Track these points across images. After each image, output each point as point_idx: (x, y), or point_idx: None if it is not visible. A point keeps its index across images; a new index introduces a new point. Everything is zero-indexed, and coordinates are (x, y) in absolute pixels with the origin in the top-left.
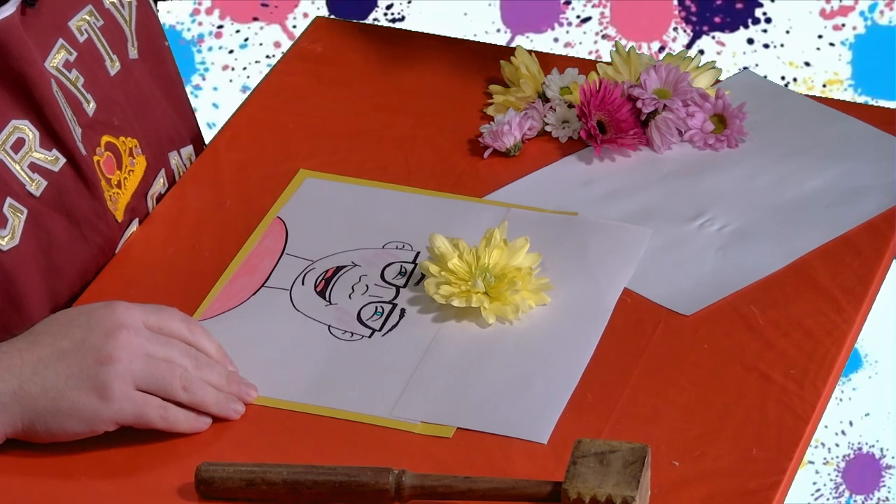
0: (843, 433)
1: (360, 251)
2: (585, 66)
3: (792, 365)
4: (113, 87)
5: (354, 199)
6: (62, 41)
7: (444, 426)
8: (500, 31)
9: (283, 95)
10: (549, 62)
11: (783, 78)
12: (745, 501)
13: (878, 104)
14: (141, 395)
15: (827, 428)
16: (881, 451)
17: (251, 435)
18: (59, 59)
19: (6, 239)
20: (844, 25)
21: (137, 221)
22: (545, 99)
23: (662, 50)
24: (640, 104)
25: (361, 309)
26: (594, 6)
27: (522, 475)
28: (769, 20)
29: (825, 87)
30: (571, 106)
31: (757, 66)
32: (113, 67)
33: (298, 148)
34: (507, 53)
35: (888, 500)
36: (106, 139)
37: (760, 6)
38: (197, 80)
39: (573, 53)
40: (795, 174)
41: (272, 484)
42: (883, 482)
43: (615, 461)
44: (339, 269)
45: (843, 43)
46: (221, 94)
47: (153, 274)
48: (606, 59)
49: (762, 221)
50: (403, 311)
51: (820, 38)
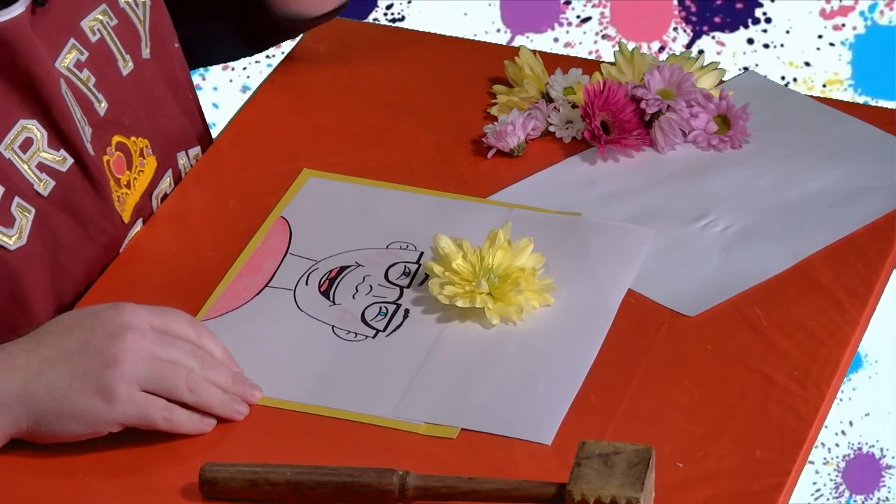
0: (843, 433)
1: (363, 251)
2: (589, 66)
3: (795, 366)
4: (125, 87)
5: (358, 199)
6: (73, 41)
7: (447, 427)
8: (500, 31)
9: (286, 95)
10: (552, 62)
11: (783, 78)
12: (748, 502)
13: (878, 104)
14: (145, 396)
15: (827, 428)
16: (881, 451)
17: (254, 435)
18: (70, 58)
19: (13, 238)
20: (844, 25)
21: (142, 221)
22: (549, 99)
23: (662, 50)
24: (643, 105)
25: (365, 309)
26: (594, 6)
27: (526, 476)
28: (769, 20)
29: (825, 87)
30: (575, 106)
31: (757, 66)
32: (126, 67)
33: (302, 147)
34: (510, 53)
35: (888, 500)
36: (117, 139)
37: (760, 6)
38: (197, 80)
39: (573, 53)
40: (799, 175)
41: (275, 484)
42: (883, 482)
43: (619, 462)
44: (342, 269)
45: (843, 43)
46: (221, 94)
47: (157, 274)
48: (607, 58)
49: (766, 222)
50: (407, 311)
51: (820, 38)
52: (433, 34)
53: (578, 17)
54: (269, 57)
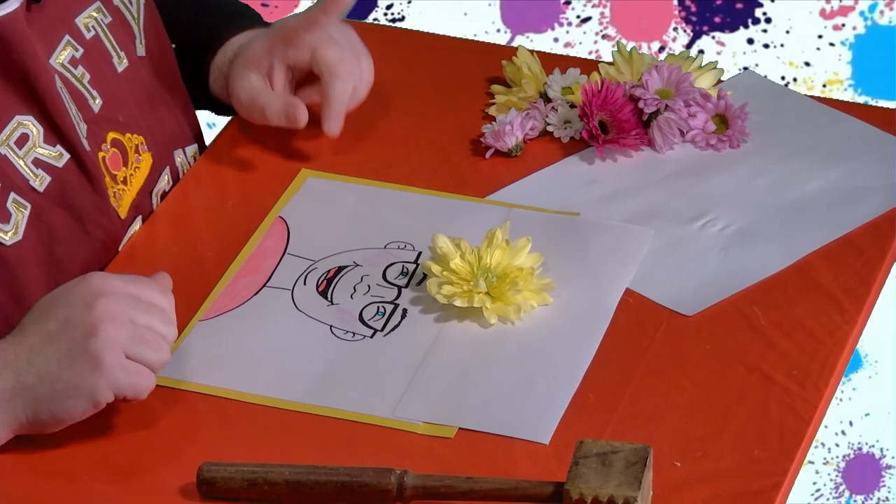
0: (843, 433)
1: (362, 251)
2: (587, 66)
3: (794, 366)
4: (119, 84)
5: (356, 198)
6: (68, 37)
7: (445, 426)
8: (500, 31)
9: None
10: (550, 62)
11: (783, 78)
12: (747, 502)
13: (878, 104)
14: (133, 364)
15: (827, 428)
16: (881, 451)
17: (253, 435)
18: (64, 55)
19: (9, 234)
20: (844, 25)
21: (141, 219)
22: (547, 99)
23: (662, 50)
24: (642, 104)
25: (363, 309)
26: (594, 6)
27: (524, 475)
28: (769, 20)
29: (825, 87)
30: (573, 106)
31: (757, 66)
32: (120, 64)
33: (300, 147)
34: (508, 53)
35: (888, 500)
36: (112, 136)
37: (760, 6)
38: None
39: (573, 53)
40: (797, 174)
41: (274, 484)
42: (883, 482)
43: (617, 462)
44: (340, 269)
45: (843, 43)
46: None
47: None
48: (606, 58)
49: (764, 222)
50: (405, 311)
51: (820, 38)
52: (433, 34)
53: (578, 17)
54: None
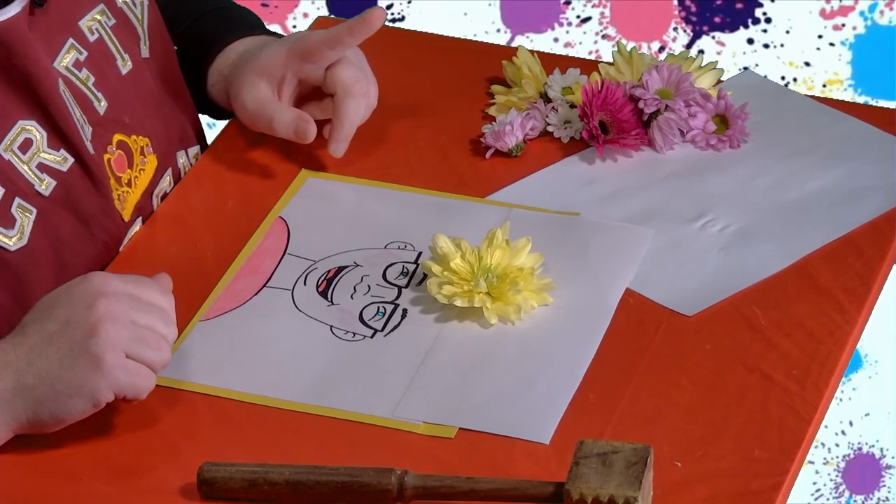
0: (843, 433)
1: (362, 251)
2: (587, 66)
3: (794, 366)
4: (124, 86)
5: (356, 199)
6: (72, 40)
7: (446, 426)
8: (500, 31)
9: None
10: (550, 62)
11: (783, 78)
12: (747, 502)
13: (878, 104)
14: (134, 364)
15: (827, 428)
16: (881, 451)
17: (253, 435)
18: (68, 58)
19: (14, 239)
20: (844, 25)
21: (141, 220)
22: (547, 99)
23: (662, 50)
24: (642, 104)
25: (363, 309)
26: (594, 6)
27: (524, 476)
28: (769, 20)
29: (825, 87)
30: (573, 106)
31: (757, 66)
32: (125, 66)
33: (300, 148)
34: (508, 53)
35: (888, 500)
36: (118, 138)
37: (760, 6)
38: None
39: (573, 53)
40: (797, 174)
41: (274, 484)
42: (883, 482)
43: (617, 462)
44: (341, 269)
45: (843, 43)
46: None
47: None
48: (606, 58)
49: (764, 222)
50: (405, 311)
51: (820, 38)
52: (432, 34)
53: (578, 17)
54: None
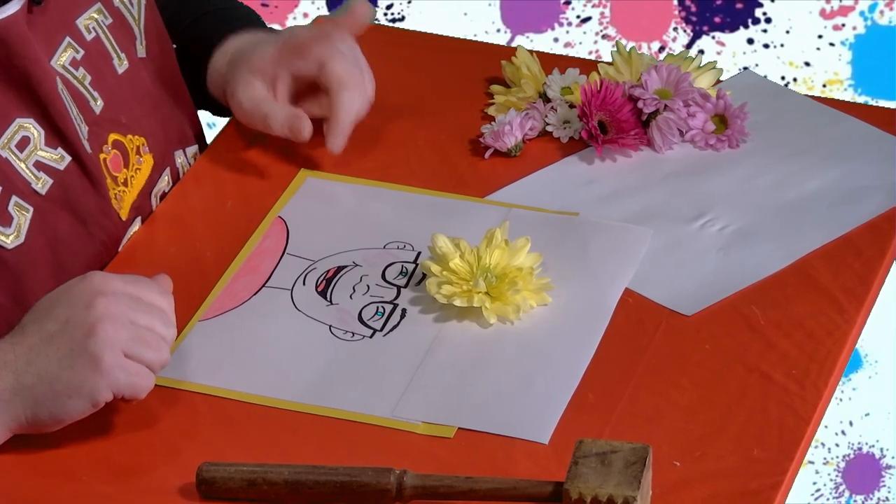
0: (843, 433)
1: (361, 251)
2: (586, 66)
3: (793, 365)
4: (120, 85)
5: (356, 198)
6: (69, 39)
7: (445, 426)
8: (500, 31)
9: None
10: (550, 62)
11: (783, 78)
12: (746, 502)
13: (878, 104)
14: (133, 365)
15: (827, 428)
16: (881, 451)
17: (252, 435)
18: (65, 57)
19: (11, 237)
20: (844, 25)
21: (140, 220)
22: (546, 99)
23: (662, 50)
24: (641, 104)
25: (362, 309)
26: (594, 6)
27: (524, 475)
28: (769, 20)
29: (825, 87)
30: (573, 106)
31: (757, 66)
32: (121, 66)
33: (300, 148)
34: (508, 53)
35: (888, 500)
36: (113, 137)
37: (760, 6)
38: None
39: (573, 53)
40: (797, 174)
41: (273, 484)
42: (883, 482)
43: (616, 461)
44: (340, 269)
45: (843, 43)
46: None
47: (155, 273)
48: (607, 59)
49: (763, 222)
50: (405, 311)
51: (820, 38)
52: (433, 34)
53: (578, 17)
54: None
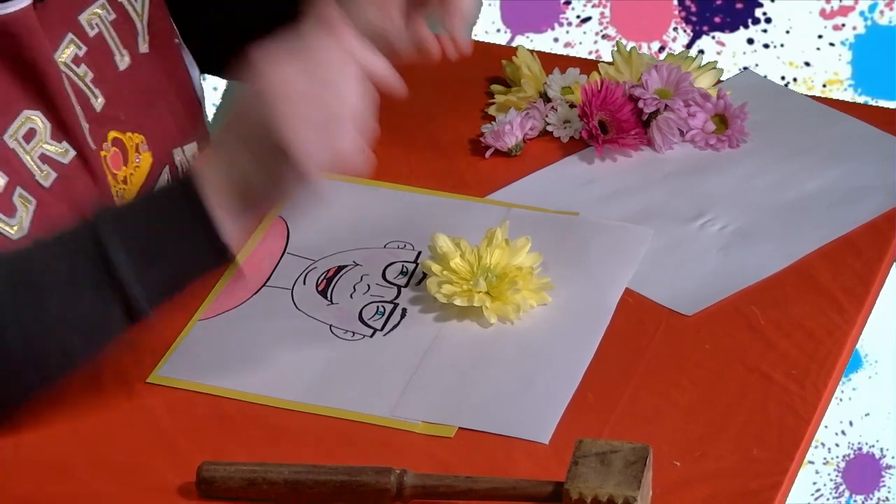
0: (843, 433)
1: (361, 250)
2: (587, 66)
3: (793, 365)
4: (121, 82)
5: (356, 198)
6: (71, 35)
7: (445, 426)
8: (500, 31)
9: None
10: (550, 62)
11: (783, 78)
12: (746, 502)
13: (878, 104)
14: (325, 131)
15: (827, 428)
16: (881, 451)
17: (252, 434)
18: (67, 53)
19: (15, 228)
20: (844, 25)
21: None
22: (547, 99)
23: (662, 50)
24: (641, 104)
25: (363, 308)
26: (594, 6)
27: (524, 475)
28: (769, 20)
29: (825, 87)
30: (573, 106)
31: (757, 66)
32: (122, 62)
33: None
34: (508, 53)
35: (888, 500)
36: (113, 135)
37: (760, 6)
38: None
39: (573, 53)
40: (797, 174)
41: (273, 483)
42: (883, 482)
43: (616, 461)
44: (340, 268)
45: (843, 43)
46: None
47: None
48: (607, 58)
49: (763, 222)
50: (405, 310)
51: (820, 38)
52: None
53: (578, 17)
54: None
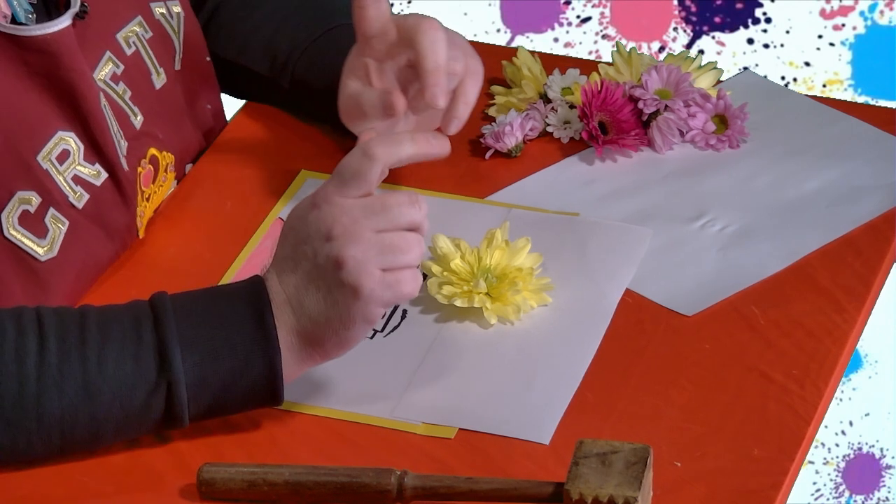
0: (843, 433)
1: None
2: (587, 66)
3: (793, 365)
4: (158, 99)
5: None
6: (109, 53)
7: (445, 427)
8: (500, 31)
9: None
10: (550, 63)
11: (783, 78)
12: (746, 501)
13: (878, 104)
14: (393, 275)
15: (827, 428)
16: (881, 451)
17: (253, 436)
18: (106, 71)
19: (44, 249)
20: (844, 25)
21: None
22: (547, 99)
23: (662, 50)
24: (641, 105)
25: None
26: (594, 6)
27: (524, 476)
28: (769, 20)
29: (825, 87)
30: (573, 106)
31: (757, 66)
32: (158, 80)
33: (300, 148)
34: (508, 54)
35: (888, 500)
36: (151, 152)
37: (760, 6)
38: None
39: (573, 53)
40: (796, 174)
41: (274, 485)
42: (883, 482)
43: (617, 462)
44: None
45: (843, 43)
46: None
47: (155, 275)
48: (607, 59)
49: (763, 222)
50: (405, 311)
51: (820, 38)
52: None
53: (578, 17)
54: None
